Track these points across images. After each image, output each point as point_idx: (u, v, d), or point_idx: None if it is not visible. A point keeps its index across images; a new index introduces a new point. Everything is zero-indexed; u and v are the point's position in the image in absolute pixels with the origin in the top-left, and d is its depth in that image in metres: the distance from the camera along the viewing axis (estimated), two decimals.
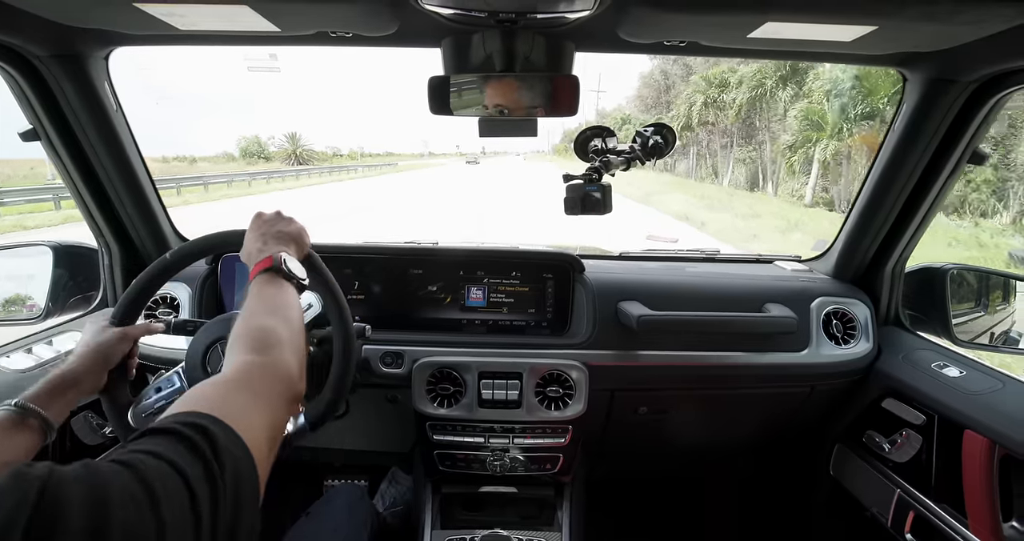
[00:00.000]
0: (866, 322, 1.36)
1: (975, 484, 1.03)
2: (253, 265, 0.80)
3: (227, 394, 0.54)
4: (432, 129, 60.75)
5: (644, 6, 0.87)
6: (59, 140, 1.18)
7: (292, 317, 0.72)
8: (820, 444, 1.50)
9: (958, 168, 1.18)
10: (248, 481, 0.46)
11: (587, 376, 1.25)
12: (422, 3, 0.87)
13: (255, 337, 0.65)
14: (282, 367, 0.62)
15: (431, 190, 21.14)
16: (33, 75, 1.09)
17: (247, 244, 0.86)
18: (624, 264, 1.52)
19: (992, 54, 0.96)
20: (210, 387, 0.55)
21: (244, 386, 0.56)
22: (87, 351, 0.85)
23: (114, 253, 1.38)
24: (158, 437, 0.44)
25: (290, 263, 0.80)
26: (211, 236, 0.95)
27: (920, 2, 0.79)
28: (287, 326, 0.69)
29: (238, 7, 0.84)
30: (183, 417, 0.46)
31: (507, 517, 1.37)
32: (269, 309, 0.72)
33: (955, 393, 1.10)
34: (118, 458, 0.40)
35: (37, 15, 0.89)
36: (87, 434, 1.19)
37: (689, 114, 21.06)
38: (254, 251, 0.84)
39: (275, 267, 0.78)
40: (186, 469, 0.41)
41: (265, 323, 0.68)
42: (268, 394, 0.57)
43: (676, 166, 25.23)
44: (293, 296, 0.77)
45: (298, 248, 0.87)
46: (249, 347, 0.63)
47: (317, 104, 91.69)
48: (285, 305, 0.74)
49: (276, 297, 0.75)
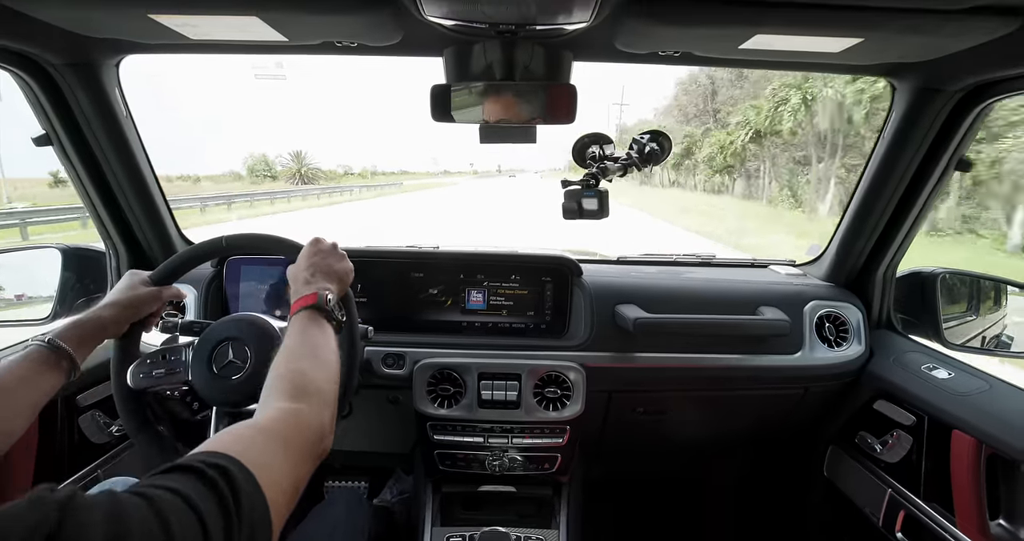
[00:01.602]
0: (858, 325, 1.38)
1: (963, 483, 1.05)
2: (298, 295, 0.83)
3: (257, 441, 0.55)
4: (445, 147, 59.14)
5: (639, 18, 0.90)
6: (71, 145, 1.22)
7: (330, 364, 0.74)
8: (814, 446, 1.53)
9: (945, 175, 1.21)
10: (262, 529, 0.47)
11: (585, 377, 1.28)
12: (425, 15, 0.90)
13: (295, 383, 0.66)
14: (315, 421, 0.63)
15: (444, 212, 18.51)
16: (48, 82, 1.12)
17: (298, 266, 0.89)
18: (621, 268, 1.55)
19: (976, 65, 1.00)
20: (244, 430, 0.56)
21: (275, 436, 0.57)
22: (120, 301, 0.90)
23: (121, 255, 1.41)
24: (180, 474, 0.45)
25: (333, 304, 0.83)
26: (270, 236, 0.98)
27: (904, 15, 0.83)
28: (325, 375, 0.71)
29: (248, 18, 0.88)
30: (209, 457, 0.48)
31: (506, 516, 1.39)
32: (310, 353, 0.73)
33: (944, 394, 1.13)
34: (138, 490, 0.42)
35: (55, 25, 0.93)
36: (94, 432, 1.21)
37: (773, 117, 16.24)
38: (301, 279, 0.86)
39: (319, 306, 0.80)
40: (200, 506, 0.42)
41: (305, 368, 0.70)
42: (297, 447, 0.58)
43: (733, 187, 20.48)
44: (333, 340, 0.79)
45: (340, 287, 0.89)
46: (287, 393, 0.64)
47: (328, 121, 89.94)
48: (326, 350, 0.76)
49: (318, 339, 0.76)
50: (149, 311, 0.96)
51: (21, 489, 1.05)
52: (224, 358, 0.93)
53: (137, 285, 0.94)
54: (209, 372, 0.93)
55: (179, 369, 0.96)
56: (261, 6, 0.84)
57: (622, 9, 0.88)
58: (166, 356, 0.97)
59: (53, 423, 1.12)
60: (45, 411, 1.07)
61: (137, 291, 0.93)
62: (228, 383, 0.91)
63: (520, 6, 0.85)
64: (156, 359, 0.96)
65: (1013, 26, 0.82)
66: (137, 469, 1.31)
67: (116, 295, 0.92)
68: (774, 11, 0.83)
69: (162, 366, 0.96)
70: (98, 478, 1.20)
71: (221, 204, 17.38)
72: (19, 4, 0.84)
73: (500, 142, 1.11)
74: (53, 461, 1.12)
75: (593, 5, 0.84)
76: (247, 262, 1.37)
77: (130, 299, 0.92)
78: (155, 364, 0.96)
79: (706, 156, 21.25)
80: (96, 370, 1.16)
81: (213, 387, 0.92)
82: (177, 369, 0.96)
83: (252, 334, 0.94)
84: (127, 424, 0.96)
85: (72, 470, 1.16)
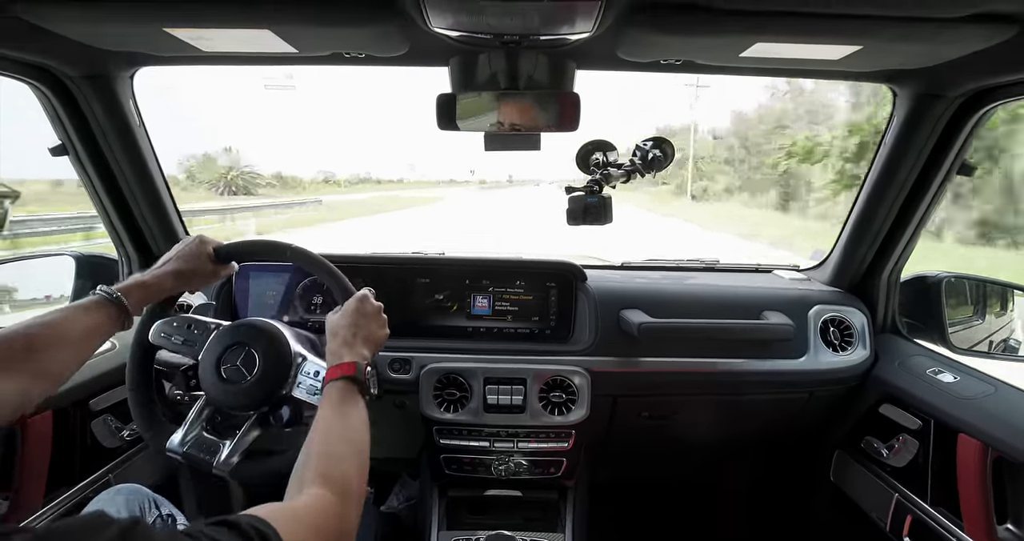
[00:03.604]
0: (863, 329, 1.39)
1: (970, 487, 1.05)
2: (338, 358, 0.84)
3: (301, 523, 0.57)
4: (453, 155, 54.36)
5: (641, 28, 0.92)
6: (86, 154, 1.25)
7: (364, 453, 0.75)
8: (820, 451, 1.52)
9: (947, 179, 1.22)
10: None
11: (589, 382, 1.28)
12: (431, 26, 0.92)
13: (332, 470, 0.68)
14: (349, 523, 0.66)
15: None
16: (65, 94, 1.16)
17: (341, 321, 0.90)
18: (625, 274, 1.56)
19: (975, 71, 1.01)
20: (297, 510, 0.60)
21: (314, 526, 0.59)
22: (185, 271, 0.94)
23: (133, 262, 1.44)
24: (229, 531, 0.49)
25: (370, 376, 0.84)
26: (332, 268, 1.03)
27: (902, 23, 0.84)
28: (358, 465, 0.72)
29: (260, 31, 0.90)
30: (256, 522, 0.51)
31: (512, 520, 1.39)
32: (347, 436, 0.75)
33: (949, 398, 1.13)
34: (192, 532, 0.47)
35: (72, 39, 0.96)
36: (106, 437, 1.23)
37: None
38: (341, 338, 0.87)
39: (357, 379, 0.81)
40: None
41: (343, 454, 0.71)
42: (326, 539, 0.61)
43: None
44: (366, 418, 0.80)
45: (373, 354, 0.90)
46: (325, 479, 0.66)
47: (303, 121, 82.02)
48: (360, 433, 0.77)
49: (354, 421, 0.77)
50: (205, 286, 1.01)
51: (36, 492, 1.07)
52: (232, 361, 0.94)
53: (203, 257, 0.96)
54: (215, 370, 0.94)
55: (196, 344, 0.98)
56: (272, 19, 0.87)
57: (624, 19, 0.89)
58: (191, 326, 0.99)
59: (67, 427, 1.14)
60: (59, 415, 1.10)
61: (202, 264, 0.96)
62: (234, 387, 0.93)
63: (524, 17, 0.87)
64: (182, 325, 0.99)
65: (1011, 33, 0.84)
66: (147, 476, 1.32)
67: (183, 263, 0.94)
68: (774, 20, 0.85)
69: (183, 334, 0.98)
70: (109, 482, 1.22)
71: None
72: (38, 19, 0.87)
73: (505, 149, 1.13)
74: (66, 464, 1.14)
75: (596, 15, 0.86)
76: (256, 267, 1.39)
77: (194, 270, 0.95)
78: (179, 329, 0.99)
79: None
80: (109, 375, 1.18)
81: (214, 385, 0.94)
82: (194, 343, 0.98)
83: (265, 345, 0.95)
84: (131, 375, 0.99)
85: (84, 474, 1.18)
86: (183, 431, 0.95)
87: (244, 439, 0.93)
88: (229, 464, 0.91)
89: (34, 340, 0.72)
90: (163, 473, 1.42)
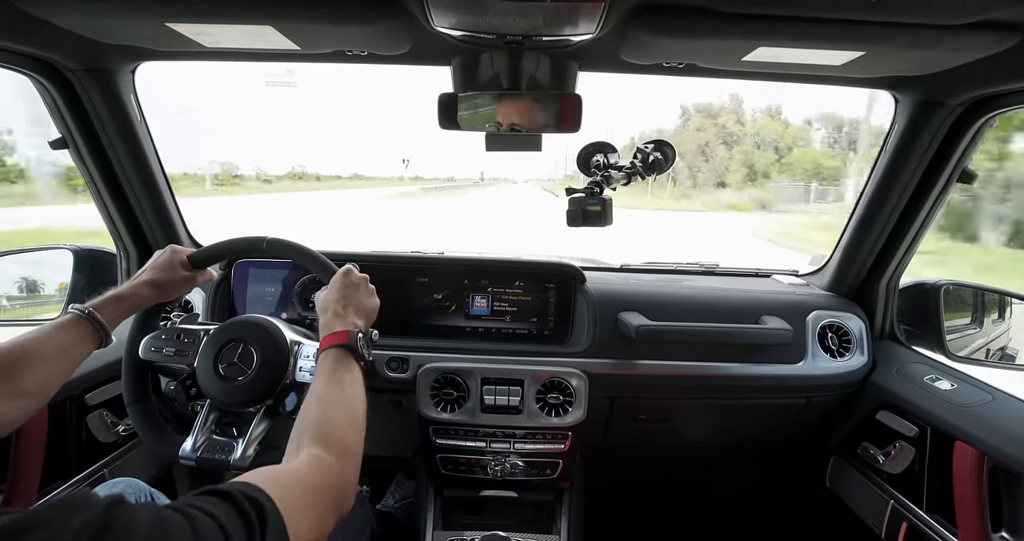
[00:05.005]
0: (861, 335, 1.39)
1: (965, 495, 1.05)
2: (329, 329, 0.85)
3: (295, 486, 0.56)
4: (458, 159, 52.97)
5: (644, 30, 0.92)
6: (86, 148, 1.25)
7: (360, 416, 0.76)
8: (816, 456, 1.52)
9: (948, 187, 1.22)
10: None
11: (587, 384, 1.28)
12: (434, 25, 0.92)
13: (328, 433, 0.68)
14: (348, 482, 0.66)
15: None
16: (66, 87, 1.16)
17: (329, 295, 0.91)
18: (624, 276, 1.55)
19: (976, 79, 1.01)
20: (285, 474, 0.59)
21: (311, 486, 0.59)
22: (159, 282, 0.94)
23: (132, 256, 1.44)
24: (219, 500, 0.47)
25: (363, 342, 0.84)
26: (311, 252, 1.02)
27: (905, 29, 0.84)
28: (355, 428, 0.73)
29: (262, 27, 0.90)
30: (249, 489, 0.50)
31: (507, 521, 1.39)
32: (343, 401, 0.75)
33: (946, 406, 1.13)
34: (179, 507, 0.45)
35: (75, 32, 0.96)
36: (102, 431, 1.23)
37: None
38: (332, 310, 0.88)
39: (350, 345, 0.82)
40: (233, 537, 0.45)
41: (338, 418, 0.72)
42: (326, 500, 0.60)
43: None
44: (361, 384, 0.81)
45: (367, 324, 0.91)
46: (321, 442, 0.66)
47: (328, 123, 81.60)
48: (356, 398, 0.78)
49: (349, 384, 0.78)
50: (183, 294, 1.00)
51: (30, 486, 1.07)
52: (229, 359, 0.94)
53: (177, 266, 0.97)
54: (214, 371, 0.94)
55: (188, 352, 0.98)
56: (275, 16, 0.87)
57: (627, 21, 0.89)
58: (180, 336, 0.99)
59: (62, 421, 1.13)
60: (55, 409, 1.10)
61: (176, 273, 0.96)
62: (230, 384, 0.93)
63: (527, 18, 0.87)
64: (171, 337, 0.99)
65: (1013, 41, 0.84)
66: (143, 470, 1.32)
67: (156, 274, 0.94)
68: (777, 24, 0.85)
69: (174, 345, 0.98)
70: (104, 477, 1.21)
71: None
72: (41, 11, 0.87)
73: (506, 150, 1.13)
74: (61, 459, 1.13)
75: (599, 17, 0.86)
76: (255, 265, 1.39)
77: (168, 281, 0.95)
78: (168, 341, 0.98)
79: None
80: (105, 369, 1.18)
81: (215, 386, 0.94)
82: (187, 352, 0.98)
83: (260, 337, 0.95)
84: (127, 392, 0.98)
85: (79, 468, 1.18)
86: (192, 438, 0.94)
87: (256, 433, 0.93)
88: (246, 459, 0.91)
89: (3, 361, 0.72)
90: (158, 468, 1.42)
